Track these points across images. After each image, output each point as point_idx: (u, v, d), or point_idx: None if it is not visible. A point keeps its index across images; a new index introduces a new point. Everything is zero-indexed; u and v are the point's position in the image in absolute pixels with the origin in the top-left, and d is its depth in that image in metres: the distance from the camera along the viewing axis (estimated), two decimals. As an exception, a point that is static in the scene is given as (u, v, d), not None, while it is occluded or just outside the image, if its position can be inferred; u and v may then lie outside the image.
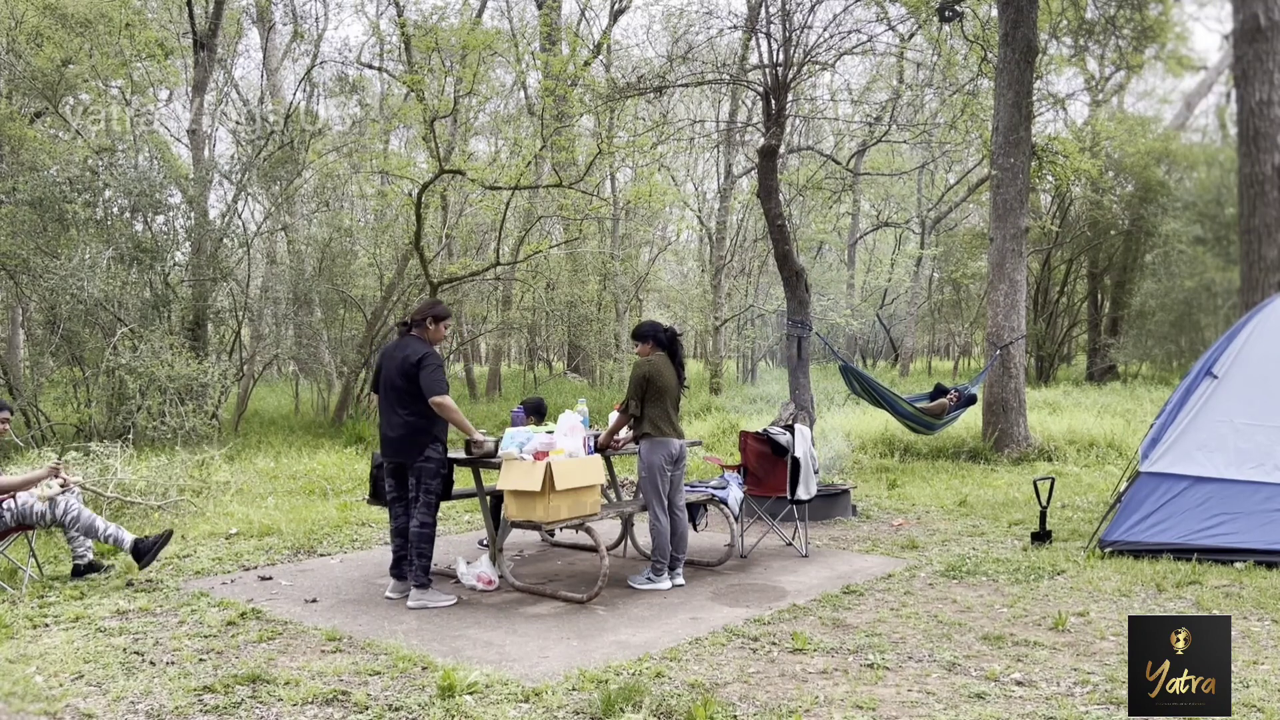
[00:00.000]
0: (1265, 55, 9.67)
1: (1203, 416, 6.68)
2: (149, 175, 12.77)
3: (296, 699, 4.05)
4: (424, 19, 15.80)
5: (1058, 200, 24.00)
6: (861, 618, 5.31)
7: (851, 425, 12.98)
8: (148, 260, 12.41)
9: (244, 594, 5.86)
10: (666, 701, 3.98)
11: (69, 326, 11.66)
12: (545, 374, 27.69)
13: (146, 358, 10.79)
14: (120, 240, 12.30)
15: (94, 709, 3.96)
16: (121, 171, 12.67)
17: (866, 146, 21.31)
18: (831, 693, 4.13)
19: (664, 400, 6.03)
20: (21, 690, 4.15)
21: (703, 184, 30.75)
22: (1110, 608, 5.45)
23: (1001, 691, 4.15)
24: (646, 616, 5.41)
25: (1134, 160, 22.69)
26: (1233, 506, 6.40)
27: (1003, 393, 11.95)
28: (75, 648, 4.73)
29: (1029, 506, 8.73)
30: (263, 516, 8.10)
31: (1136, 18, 19.07)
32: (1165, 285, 23.63)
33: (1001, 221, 12.02)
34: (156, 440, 10.42)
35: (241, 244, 14.53)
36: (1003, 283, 11.93)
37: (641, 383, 6.01)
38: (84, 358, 11.91)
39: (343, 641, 4.89)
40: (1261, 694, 4.07)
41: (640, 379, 6.02)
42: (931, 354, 41.56)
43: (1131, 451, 10.61)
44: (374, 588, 6.08)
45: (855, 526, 8.22)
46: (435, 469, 5.67)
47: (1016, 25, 11.96)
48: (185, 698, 4.06)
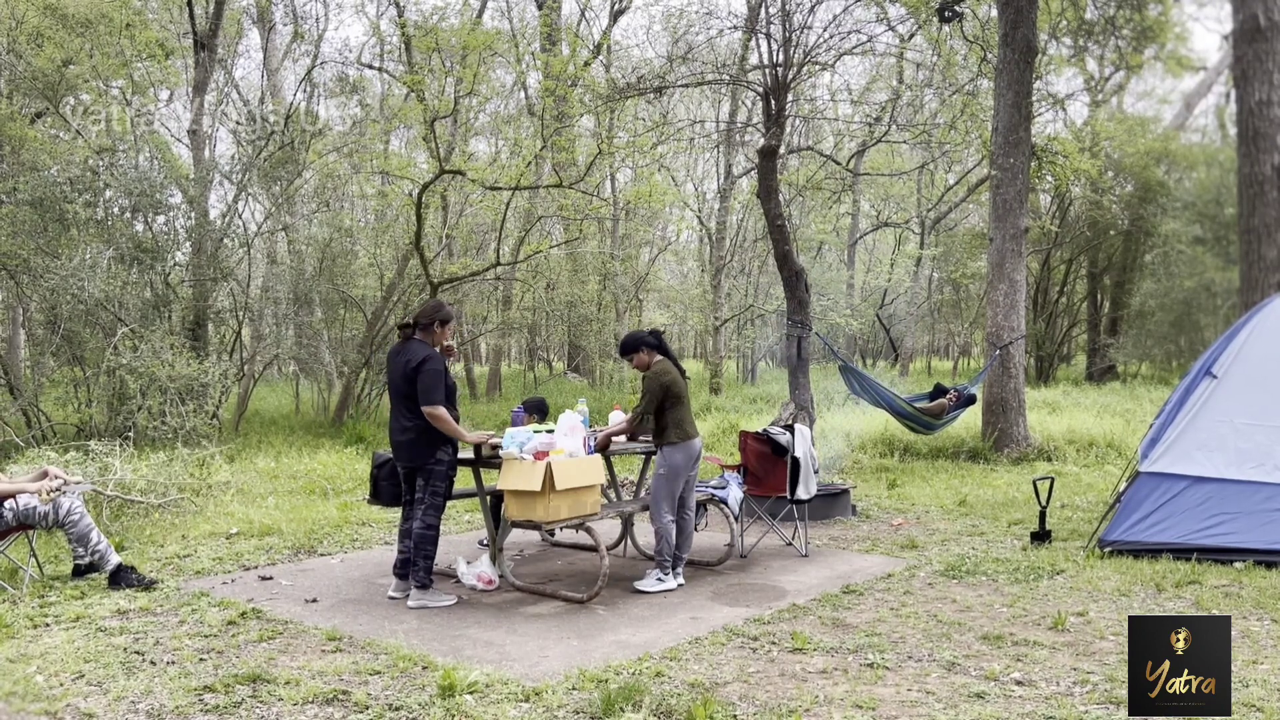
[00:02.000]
0: (1265, 55, 9.68)
1: (1202, 416, 6.68)
2: (149, 175, 12.78)
3: (297, 699, 4.05)
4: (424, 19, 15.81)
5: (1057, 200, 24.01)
6: (861, 617, 5.32)
7: (851, 425, 12.99)
8: (148, 260, 12.41)
9: (244, 594, 5.87)
10: (666, 701, 3.98)
11: (69, 326, 11.66)
12: (545, 374, 27.69)
13: (147, 358, 10.80)
14: (121, 240, 12.31)
15: (94, 709, 3.97)
16: (122, 172, 12.68)
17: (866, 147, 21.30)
18: (831, 692, 4.13)
19: (682, 402, 6.04)
20: (22, 690, 4.15)
21: (703, 184, 30.77)
22: (1110, 607, 5.45)
23: (1001, 691, 4.15)
24: (646, 616, 5.41)
25: (1133, 160, 22.71)
26: (1232, 506, 6.40)
27: (1002, 393, 11.96)
28: (76, 647, 4.74)
29: (1029, 506, 8.74)
30: (263, 516, 8.10)
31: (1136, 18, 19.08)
32: (1165, 285, 23.64)
33: (1001, 221, 12.02)
34: (157, 440, 10.42)
35: (242, 244, 14.54)
36: (1002, 283, 11.94)
37: (661, 392, 5.97)
38: (84, 358, 11.91)
39: (343, 641, 4.89)
40: (1261, 694, 4.07)
41: (660, 389, 5.96)
42: (931, 354, 41.55)
43: (1131, 451, 10.61)
44: (374, 588, 6.08)
45: (855, 526, 8.23)
46: (444, 472, 5.66)
47: (1016, 25, 11.97)
48: (186, 697, 4.07)
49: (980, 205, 25.98)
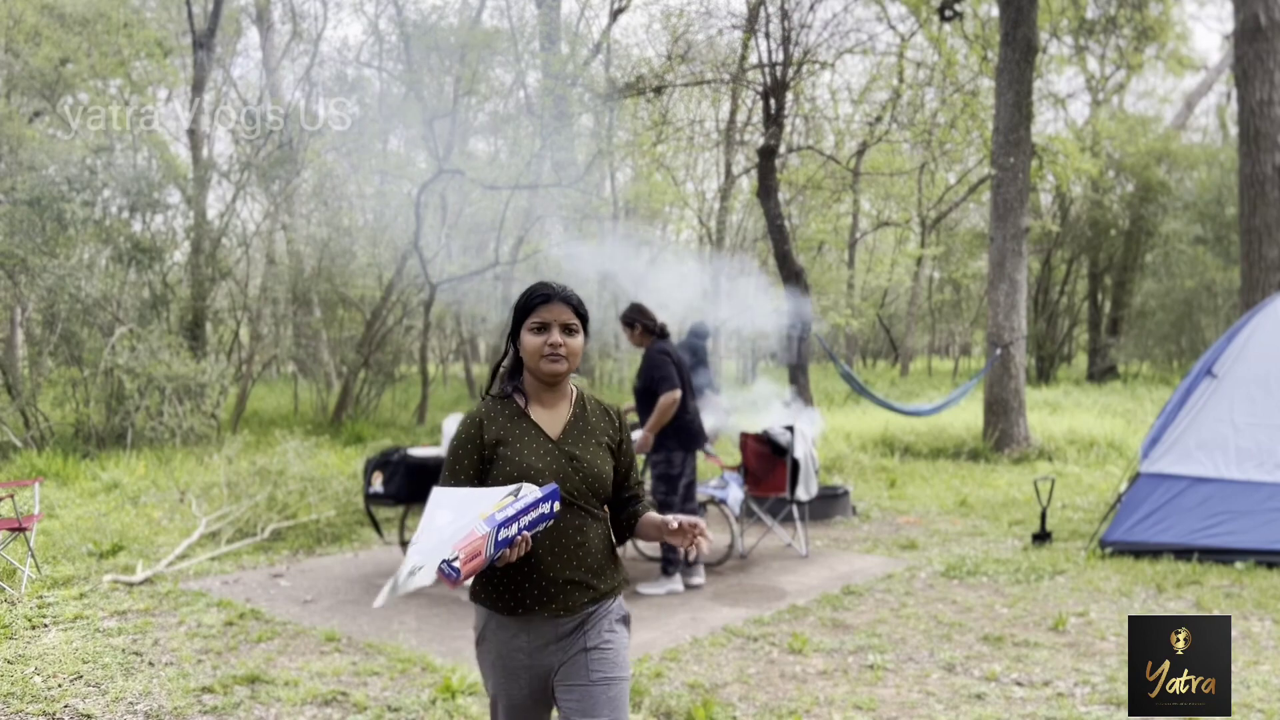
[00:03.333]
0: (1265, 55, 9.67)
1: (1203, 416, 6.67)
2: (147, 174, 12.77)
3: (295, 699, 4.04)
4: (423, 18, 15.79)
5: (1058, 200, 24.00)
6: (861, 618, 5.30)
7: (851, 425, 12.97)
8: (146, 260, 12.40)
9: (243, 594, 5.85)
10: (666, 702, 3.97)
11: (67, 326, 11.64)
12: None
13: (145, 357, 10.78)
14: (119, 239, 12.29)
15: (92, 709, 3.95)
16: (120, 171, 12.66)
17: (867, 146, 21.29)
18: (831, 693, 4.12)
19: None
20: (20, 690, 4.14)
21: (703, 184, 30.74)
22: (1111, 608, 5.44)
23: (1001, 692, 4.14)
24: (646, 616, 5.40)
25: (1134, 160, 22.70)
26: (1233, 506, 6.39)
27: (1003, 393, 11.94)
28: (74, 648, 4.72)
29: (1029, 506, 8.72)
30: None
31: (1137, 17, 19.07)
32: (1166, 285, 23.64)
33: (1002, 221, 12.01)
34: (155, 440, 10.40)
35: (240, 243, 14.52)
36: (1003, 282, 11.92)
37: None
38: (82, 357, 11.90)
39: (342, 642, 4.88)
40: (1262, 694, 4.06)
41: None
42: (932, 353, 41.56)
43: (1132, 451, 10.60)
44: (374, 588, 6.07)
45: (855, 527, 8.21)
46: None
47: (1017, 24, 11.95)
48: (184, 698, 4.05)
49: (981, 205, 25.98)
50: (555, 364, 2.34)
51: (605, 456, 2.41)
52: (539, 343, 2.33)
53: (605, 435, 2.45)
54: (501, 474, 2.31)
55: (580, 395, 2.50)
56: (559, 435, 2.39)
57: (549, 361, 2.33)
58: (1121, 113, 25.15)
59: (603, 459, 2.40)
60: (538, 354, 2.34)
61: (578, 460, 2.36)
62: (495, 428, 2.36)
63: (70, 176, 12.47)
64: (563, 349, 2.34)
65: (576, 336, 2.38)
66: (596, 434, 2.44)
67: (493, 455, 2.35)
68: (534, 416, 2.40)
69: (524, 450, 2.34)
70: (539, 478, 2.29)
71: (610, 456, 2.43)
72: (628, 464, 2.50)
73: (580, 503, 2.35)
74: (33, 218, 11.71)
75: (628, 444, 2.50)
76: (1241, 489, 6.41)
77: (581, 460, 2.36)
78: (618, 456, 2.47)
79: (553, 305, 2.35)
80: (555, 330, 2.34)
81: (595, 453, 2.39)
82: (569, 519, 2.32)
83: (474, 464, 2.36)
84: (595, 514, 2.40)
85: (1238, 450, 6.50)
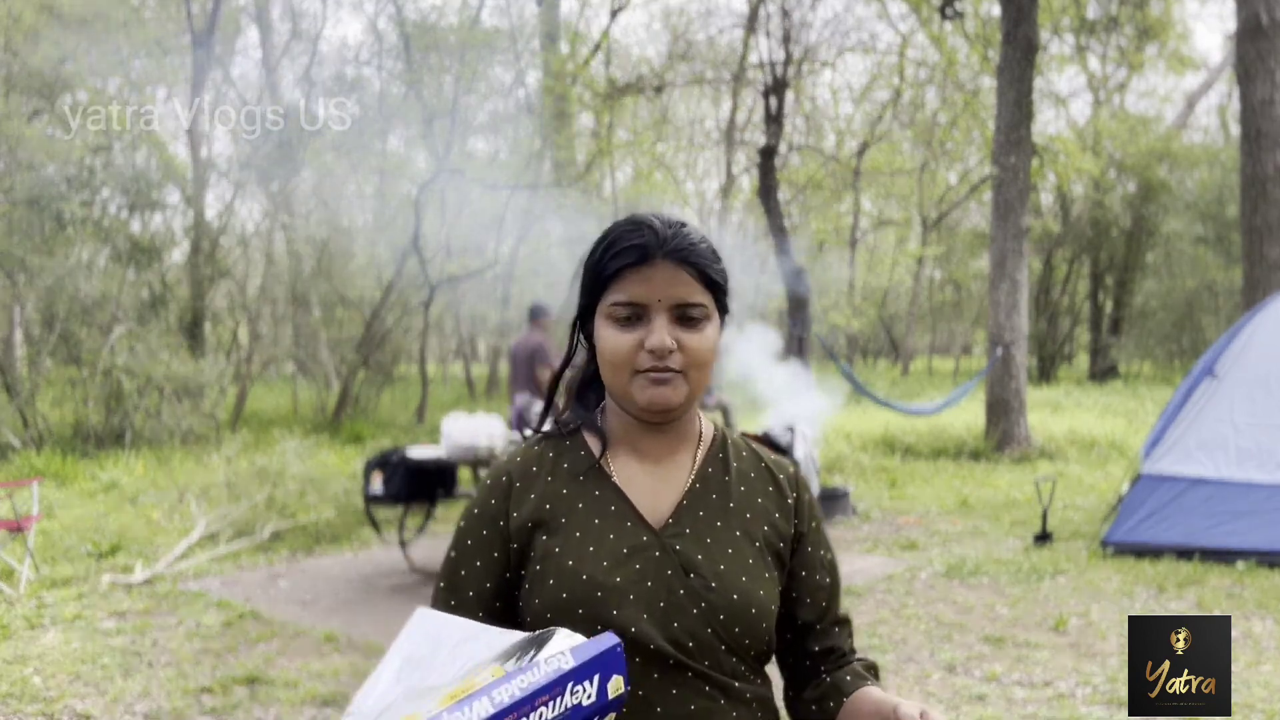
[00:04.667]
0: (1267, 54, 9.64)
1: (1204, 416, 6.65)
2: (146, 174, 12.76)
3: (295, 700, 4.02)
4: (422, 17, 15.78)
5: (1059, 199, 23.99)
6: (862, 618, 5.29)
7: (852, 425, 12.95)
8: (145, 259, 12.39)
9: (242, 595, 5.84)
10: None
11: (66, 326, 11.63)
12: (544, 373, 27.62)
13: (144, 357, 10.77)
14: (117, 239, 12.28)
15: (91, 710, 3.94)
16: (118, 170, 12.65)
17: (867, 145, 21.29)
18: (832, 694, 4.10)
19: None
20: (19, 691, 4.13)
21: (702, 184, 30.75)
22: (1111, 608, 5.42)
23: (1002, 692, 4.12)
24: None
25: (1135, 159, 22.68)
26: (1234, 506, 6.37)
27: (1004, 393, 11.92)
28: (73, 648, 4.71)
29: (1030, 507, 8.71)
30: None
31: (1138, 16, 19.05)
32: (1167, 285, 23.63)
33: (1003, 221, 11.99)
34: (154, 440, 10.40)
35: (239, 243, 14.51)
36: (1004, 282, 11.91)
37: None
38: (81, 357, 11.89)
39: (341, 642, 4.86)
40: (1263, 694, 4.05)
41: None
42: (933, 353, 41.53)
43: (1133, 451, 10.57)
44: (373, 588, 6.06)
45: (856, 527, 8.20)
46: None
47: (1018, 23, 11.93)
48: (183, 699, 4.04)
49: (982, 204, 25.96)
50: (660, 387, 1.21)
51: (761, 566, 1.26)
52: (628, 345, 1.21)
53: (764, 522, 1.29)
54: (539, 590, 1.22)
55: (722, 440, 1.35)
56: (665, 520, 1.26)
57: (649, 383, 1.21)
58: (1123, 112, 25.13)
59: (755, 572, 1.25)
60: (626, 367, 1.22)
61: (701, 574, 1.22)
62: (536, 496, 1.26)
63: (69, 176, 12.46)
64: (676, 358, 1.20)
65: (703, 328, 1.23)
66: (745, 520, 1.28)
67: (526, 549, 1.25)
68: (618, 479, 1.27)
69: (586, 544, 1.22)
70: (607, 606, 1.18)
71: (773, 565, 1.28)
72: (815, 583, 1.32)
73: (702, 665, 1.21)
74: (31, 217, 11.71)
75: (815, 538, 1.34)
76: (1243, 489, 6.40)
77: (708, 574, 1.22)
78: (793, 565, 1.31)
79: (656, 268, 1.20)
80: (660, 318, 1.20)
81: (740, 559, 1.25)
82: (676, 700, 1.19)
83: (490, 565, 1.26)
84: (736, 688, 1.23)
85: (1238, 450, 6.49)
